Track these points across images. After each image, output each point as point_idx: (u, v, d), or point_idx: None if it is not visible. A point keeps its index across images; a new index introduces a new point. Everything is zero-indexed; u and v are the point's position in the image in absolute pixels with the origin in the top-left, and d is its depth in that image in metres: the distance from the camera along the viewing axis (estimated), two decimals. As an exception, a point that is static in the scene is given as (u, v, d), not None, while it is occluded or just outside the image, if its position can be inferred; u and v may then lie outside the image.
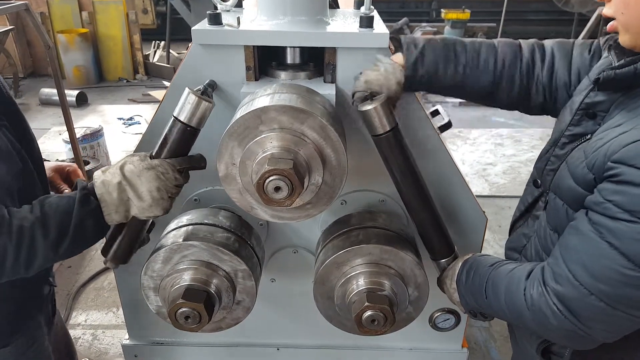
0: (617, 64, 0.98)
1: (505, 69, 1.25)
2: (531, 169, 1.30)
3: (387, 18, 1.67)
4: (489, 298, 1.12)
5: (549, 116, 1.32)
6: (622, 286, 0.89)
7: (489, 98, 1.30)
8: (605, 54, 1.11)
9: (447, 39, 1.27)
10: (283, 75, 1.36)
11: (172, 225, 1.43)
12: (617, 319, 0.93)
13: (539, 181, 1.23)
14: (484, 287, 1.13)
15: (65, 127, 3.54)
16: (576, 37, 6.49)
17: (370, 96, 1.22)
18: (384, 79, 1.22)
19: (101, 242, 1.23)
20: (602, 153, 0.93)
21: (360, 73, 1.26)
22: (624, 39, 0.97)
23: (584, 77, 1.18)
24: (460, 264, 1.26)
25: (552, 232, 1.13)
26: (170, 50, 8.06)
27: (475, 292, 1.17)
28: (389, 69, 1.23)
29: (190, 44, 1.32)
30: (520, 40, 1.30)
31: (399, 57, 1.25)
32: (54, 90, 5.77)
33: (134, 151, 1.46)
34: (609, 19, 1.00)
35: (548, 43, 1.28)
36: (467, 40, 1.29)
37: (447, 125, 1.95)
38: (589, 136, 1.04)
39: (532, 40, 1.30)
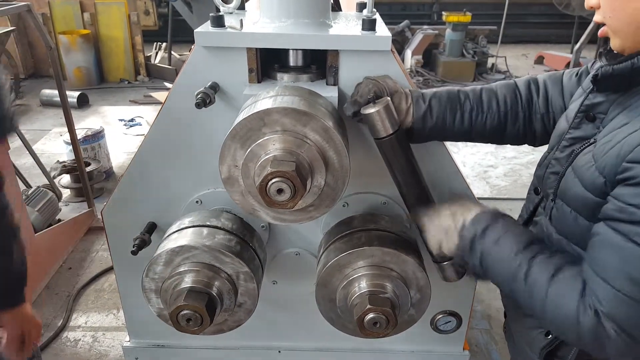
0: (614, 62, 0.99)
1: (508, 108, 1.31)
2: (532, 171, 1.30)
3: (388, 20, 1.68)
4: (516, 288, 1.02)
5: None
6: None
7: (496, 138, 1.36)
8: (597, 64, 1.12)
9: (450, 90, 1.32)
10: (285, 77, 1.36)
11: (174, 228, 1.43)
12: None
13: (539, 188, 1.23)
14: (516, 274, 1.02)
15: (66, 128, 3.54)
16: (577, 39, 6.49)
17: (373, 99, 1.22)
18: (394, 86, 1.27)
19: (103, 244, 1.23)
20: (614, 154, 0.91)
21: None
22: (614, 43, 0.99)
23: None
24: (475, 213, 1.12)
25: (561, 237, 1.10)
26: (172, 52, 8.07)
27: (494, 266, 1.06)
28: (405, 89, 1.29)
29: (193, 46, 1.32)
30: (515, 79, 1.37)
31: None
32: (55, 91, 5.79)
33: (136, 153, 1.47)
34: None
35: (540, 77, 1.36)
36: (468, 88, 1.35)
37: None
38: (592, 140, 1.03)
39: (525, 77, 1.38)
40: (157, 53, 8.46)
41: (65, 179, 4.23)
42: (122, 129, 5.93)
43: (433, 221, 1.18)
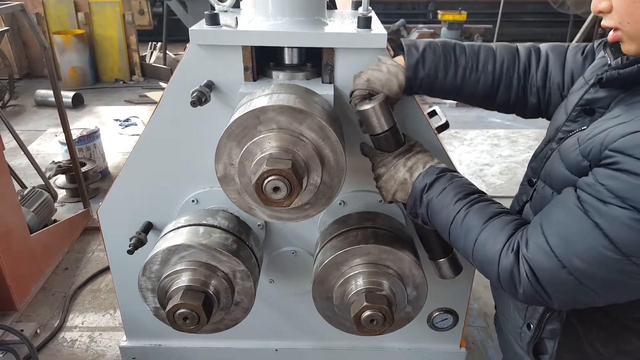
0: (620, 64, 0.98)
1: (504, 72, 1.27)
2: (528, 169, 1.30)
3: (384, 19, 1.68)
4: (453, 231, 1.10)
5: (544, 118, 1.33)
6: (596, 264, 0.90)
7: (487, 101, 1.32)
8: (601, 53, 1.12)
9: (446, 42, 1.28)
10: (281, 75, 1.36)
11: (170, 227, 1.43)
12: (580, 293, 0.95)
13: (534, 180, 1.23)
14: (454, 218, 1.10)
15: (61, 129, 3.52)
16: (572, 38, 6.52)
17: (369, 96, 1.22)
18: (386, 79, 1.23)
19: (99, 244, 1.23)
20: (599, 141, 0.93)
21: (361, 72, 1.26)
22: (629, 48, 0.97)
23: (577, 79, 1.20)
24: (427, 167, 1.19)
25: None
26: (167, 52, 8.04)
27: (438, 212, 1.13)
28: (391, 69, 1.24)
29: (188, 45, 1.31)
30: (518, 44, 1.33)
31: (400, 60, 1.27)
32: (50, 92, 5.73)
33: (131, 153, 1.46)
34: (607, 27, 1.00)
35: (543, 46, 1.31)
36: (466, 43, 1.30)
37: (445, 126, 1.95)
38: (584, 128, 1.04)
39: (528, 44, 1.33)
40: (152, 53, 8.43)
41: (61, 179, 4.21)
42: (117, 129, 5.91)
43: (391, 173, 1.22)
